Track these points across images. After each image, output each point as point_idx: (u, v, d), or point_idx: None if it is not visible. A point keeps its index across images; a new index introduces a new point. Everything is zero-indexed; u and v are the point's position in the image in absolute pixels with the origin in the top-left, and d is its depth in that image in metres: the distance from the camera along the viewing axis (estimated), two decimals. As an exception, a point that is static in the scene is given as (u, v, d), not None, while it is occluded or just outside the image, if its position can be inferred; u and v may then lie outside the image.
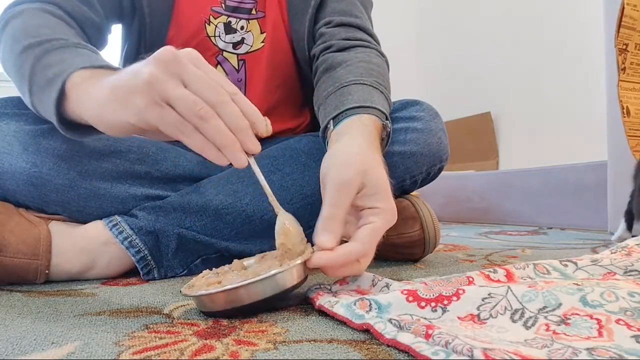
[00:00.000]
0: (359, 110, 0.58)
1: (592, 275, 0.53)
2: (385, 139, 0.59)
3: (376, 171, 0.48)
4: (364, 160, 0.48)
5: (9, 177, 0.61)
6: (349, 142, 0.52)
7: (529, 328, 0.37)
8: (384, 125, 0.58)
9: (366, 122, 0.56)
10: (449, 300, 0.41)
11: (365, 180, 0.47)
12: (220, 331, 0.40)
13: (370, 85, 0.64)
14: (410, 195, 0.77)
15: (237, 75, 0.79)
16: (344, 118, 0.58)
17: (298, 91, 0.85)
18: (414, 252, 0.74)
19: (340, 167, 0.48)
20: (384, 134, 0.59)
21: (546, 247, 0.97)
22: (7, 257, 0.59)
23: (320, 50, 0.76)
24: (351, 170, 0.47)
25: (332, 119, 0.59)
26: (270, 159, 0.72)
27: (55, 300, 0.53)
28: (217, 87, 0.42)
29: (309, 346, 0.36)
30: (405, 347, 0.33)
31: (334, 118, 0.59)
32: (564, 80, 1.81)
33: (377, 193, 0.48)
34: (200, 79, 0.42)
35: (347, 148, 0.51)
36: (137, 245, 0.64)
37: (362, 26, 0.77)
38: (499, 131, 2.14)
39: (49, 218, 0.64)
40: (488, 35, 2.18)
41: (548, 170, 1.51)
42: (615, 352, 0.30)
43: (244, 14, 0.77)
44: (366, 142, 0.52)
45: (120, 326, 0.42)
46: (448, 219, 1.83)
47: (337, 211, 0.46)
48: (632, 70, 1.04)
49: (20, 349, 0.36)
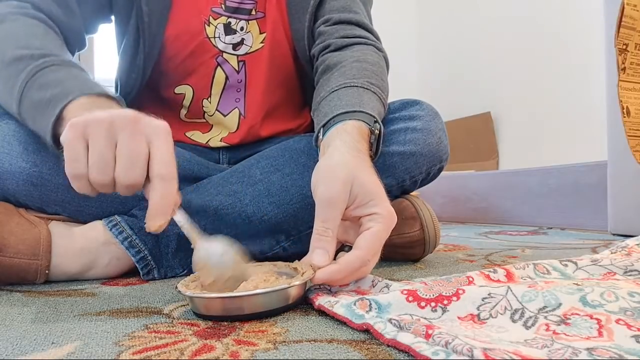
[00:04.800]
0: (344, 117, 0.58)
1: (592, 275, 0.53)
2: (375, 142, 0.59)
3: (364, 179, 0.49)
4: (350, 171, 0.49)
5: (9, 176, 0.61)
6: (333, 154, 0.52)
7: (529, 328, 0.37)
8: (372, 129, 0.58)
9: (349, 129, 0.56)
10: (449, 300, 0.41)
11: (354, 190, 0.48)
12: (220, 331, 0.40)
13: (361, 86, 0.64)
14: (410, 195, 0.77)
15: (237, 77, 0.79)
16: (331, 126, 0.58)
17: (298, 91, 0.85)
18: (414, 252, 0.74)
19: (326, 182, 0.48)
20: (372, 138, 0.58)
21: (546, 247, 0.97)
22: (7, 257, 0.59)
23: (319, 51, 0.76)
24: (337, 184, 0.48)
25: (322, 127, 0.60)
26: (270, 159, 0.72)
27: (55, 300, 0.53)
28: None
29: (309, 346, 0.36)
30: (405, 347, 0.33)
31: (324, 126, 0.59)
32: (564, 80, 1.81)
33: (371, 200, 0.48)
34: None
35: (330, 161, 0.51)
36: (137, 245, 0.64)
37: (361, 22, 0.77)
38: (499, 131, 2.14)
39: (49, 218, 0.64)
40: (488, 35, 2.18)
41: (548, 170, 1.51)
42: (615, 352, 0.30)
43: (244, 15, 0.77)
44: (350, 151, 0.52)
45: (120, 326, 0.42)
46: (448, 219, 1.83)
47: (327, 227, 0.47)
48: (632, 70, 1.04)
49: (20, 349, 0.36)
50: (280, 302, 0.44)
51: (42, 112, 0.52)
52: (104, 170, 0.44)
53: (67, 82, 0.53)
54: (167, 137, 0.45)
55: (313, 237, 0.48)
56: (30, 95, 0.54)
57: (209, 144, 0.82)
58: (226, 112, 0.81)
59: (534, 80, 1.95)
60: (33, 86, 0.54)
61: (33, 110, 0.54)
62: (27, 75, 0.54)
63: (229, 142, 0.82)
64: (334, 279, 0.47)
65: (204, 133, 0.82)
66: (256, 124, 0.81)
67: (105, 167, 0.44)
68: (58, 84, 0.53)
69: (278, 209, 0.68)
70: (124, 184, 0.44)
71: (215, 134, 0.82)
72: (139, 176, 0.44)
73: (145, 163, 0.44)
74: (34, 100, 0.53)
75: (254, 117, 0.81)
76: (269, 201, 0.68)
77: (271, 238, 0.70)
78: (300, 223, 0.69)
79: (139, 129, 0.44)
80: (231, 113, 0.81)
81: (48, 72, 0.54)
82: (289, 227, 0.69)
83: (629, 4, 1.00)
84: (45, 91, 0.53)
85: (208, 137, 0.82)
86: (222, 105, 0.80)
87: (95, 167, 0.44)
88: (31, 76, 0.54)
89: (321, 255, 0.47)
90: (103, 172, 0.44)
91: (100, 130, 0.43)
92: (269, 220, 0.68)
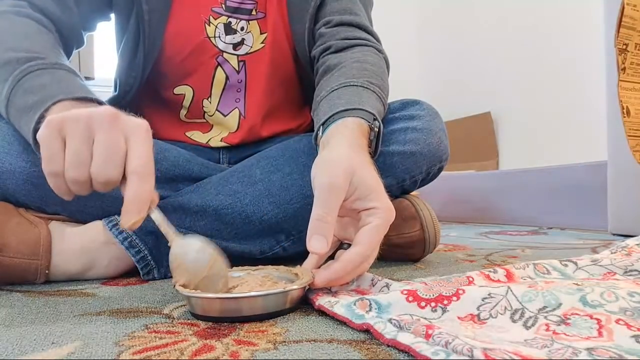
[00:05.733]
0: (344, 114, 0.58)
1: (592, 275, 0.53)
2: (374, 140, 0.59)
3: (364, 172, 0.48)
4: (350, 164, 0.48)
5: (8, 176, 0.61)
6: (334, 147, 0.52)
7: (529, 328, 0.37)
8: (371, 126, 0.58)
9: (350, 125, 0.56)
10: (449, 300, 0.41)
11: (354, 182, 0.47)
12: (220, 331, 0.40)
13: (361, 85, 0.64)
14: (410, 195, 0.77)
15: (238, 77, 0.79)
16: (331, 123, 0.58)
17: (298, 91, 0.85)
18: (414, 252, 0.74)
19: (328, 171, 0.48)
20: (372, 135, 0.58)
21: (546, 247, 0.97)
22: (7, 257, 0.59)
23: (320, 52, 0.76)
24: (338, 172, 0.47)
25: (321, 125, 0.60)
26: (270, 159, 0.72)
27: (55, 300, 0.53)
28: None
29: (309, 346, 0.36)
30: (405, 347, 0.33)
31: (323, 124, 0.59)
32: (564, 80, 1.81)
33: (370, 193, 0.48)
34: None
35: (332, 154, 0.51)
36: (137, 245, 0.64)
37: (361, 24, 0.77)
38: (499, 131, 2.14)
39: (49, 218, 0.64)
40: (488, 35, 2.18)
41: (548, 170, 1.51)
42: (615, 352, 0.30)
43: (245, 15, 0.77)
44: (350, 145, 0.52)
45: (120, 326, 0.42)
46: (448, 219, 1.83)
47: (327, 213, 0.46)
48: (632, 70, 1.04)
49: (20, 349, 0.36)
50: (278, 306, 0.44)
51: (25, 118, 0.52)
52: (79, 167, 0.43)
53: (49, 87, 0.53)
54: (145, 135, 0.45)
55: (311, 223, 0.46)
56: (16, 101, 0.54)
57: (209, 144, 0.82)
58: (226, 112, 0.81)
59: (534, 81, 1.95)
60: (18, 92, 0.54)
61: (18, 116, 0.54)
62: (13, 80, 0.55)
63: (229, 142, 0.82)
64: (337, 277, 0.46)
65: (204, 133, 0.82)
66: (256, 124, 0.81)
67: (80, 164, 0.43)
68: (41, 89, 0.53)
69: (278, 209, 0.68)
70: (99, 181, 0.44)
71: (216, 134, 0.82)
72: (115, 172, 0.43)
73: (122, 160, 0.43)
74: (19, 107, 0.54)
75: (254, 117, 0.81)
76: (269, 201, 0.68)
77: (271, 238, 0.70)
78: (301, 223, 0.69)
79: (117, 125, 0.44)
80: (231, 113, 0.81)
81: (33, 77, 0.54)
82: (289, 227, 0.69)
83: (629, 4, 1.00)
84: (28, 97, 0.53)
85: (208, 137, 0.82)
86: (222, 106, 0.80)
87: (70, 163, 0.43)
88: (17, 82, 0.54)
89: (319, 242, 0.45)
90: (78, 169, 0.43)
91: (76, 127, 0.43)
92: (269, 220, 0.68)
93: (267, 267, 0.53)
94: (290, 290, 0.44)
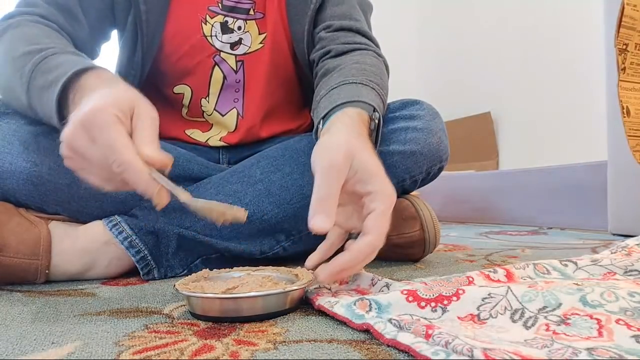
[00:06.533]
0: (344, 106, 0.58)
1: (592, 275, 0.53)
2: (374, 131, 0.59)
3: (364, 155, 0.48)
4: (350, 147, 0.47)
5: (9, 176, 0.61)
6: (334, 133, 0.52)
7: (529, 328, 0.37)
8: (371, 117, 0.58)
9: (350, 113, 0.56)
10: (449, 300, 0.41)
11: (355, 166, 0.46)
12: (220, 331, 0.40)
13: (360, 82, 0.64)
14: (410, 195, 0.77)
15: (236, 77, 0.79)
16: (331, 115, 0.58)
17: (298, 92, 0.85)
18: (414, 252, 0.74)
19: (328, 152, 0.47)
20: (372, 125, 0.58)
21: (546, 247, 0.97)
22: (7, 257, 0.59)
23: (319, 56, 0.76)
24: (339, 153, 0.46)
25: (321, 119, 0.60)
26: (270, 159, 0.72)
27: (55, 300, 0.53)
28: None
29: (309, 346, 0.36)
30: (405, 347, 0.33)
31: (323, 118, 0.59)
32: (564, 80, 1.81)
33: (370, 176, 0.47)
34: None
35: (332, 139, 0.50)
36: (137, 245, 0.64)
37: (361, 30, 0.77)
38: (499, 131, 2.14)
39: (49, 218, 0.64)
40: (488, 35, 2.18)
41: (548, 170, 1.51)
42: (615, 352, 0.30)
43: (242, 14, 0.77)
44: (351, 132, 0.52)
45: (120, 326, 0.42)
46: (448, 219, 1.83)
47: (328, 192, 0.45)
48: (632, 70, 1.04)
49: (20, 349, 0.36)
50: (278, 306, 0.44)
51: (49, 94, 0.53)
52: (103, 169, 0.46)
53: (66, 64, 0.55)
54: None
55: (312, 202, 0.44)
56: (36, 83, 0.56)
57: (208, 143, 0.82)
58: (224, 112, 0.81)
59: (534, 81, 1.95)
60: (38, 74, 0.56)
61: (39, 95, 0.55)
62: (32, 65, 0.56)
63: (228, 142, 0.82)
64: (348, 267, 0.45)
65: (203, 132, 0.82)
66: (255, 125, 0.81)
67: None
68: (59, 65, 0.54)
69: (278, 209, 0.68)
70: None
71: (215, 133, 0.82)
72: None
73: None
74: (39, 86, 0.55)
75: (252, 117, 0.81)
76: (269, 201, 0.68)
77: (271, 238, 0.70)
78: (301, 223, 0.69)
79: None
80: (229, 113, 0.81)
81: (51, 59, 0.56)
82: (289, 227, 0.69)
83: (629, 4, 1.00)
84: (48, 75, 0.54)
85: (207, 136, 0.82)
86: (220, 105, 0.80)
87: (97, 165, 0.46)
88: (36, 65, 0.56)
89: (322, 220, 0.43)
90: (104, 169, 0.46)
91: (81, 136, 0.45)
92: (269, 220, 0.68)
93: (268, 267, 0.53)
94: (291, 290, 0.44)
